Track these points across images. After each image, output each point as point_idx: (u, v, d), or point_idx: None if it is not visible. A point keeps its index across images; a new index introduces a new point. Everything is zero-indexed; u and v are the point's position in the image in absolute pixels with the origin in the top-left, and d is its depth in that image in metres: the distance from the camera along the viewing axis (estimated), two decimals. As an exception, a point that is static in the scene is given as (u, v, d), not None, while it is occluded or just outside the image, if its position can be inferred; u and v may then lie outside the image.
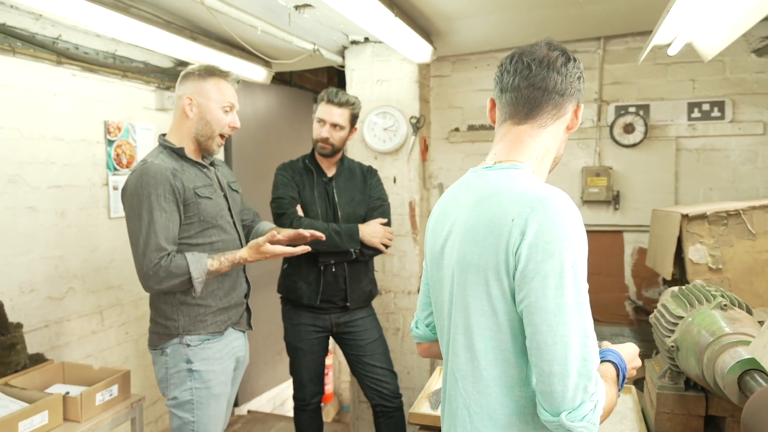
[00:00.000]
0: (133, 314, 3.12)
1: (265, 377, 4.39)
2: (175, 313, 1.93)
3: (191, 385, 1.92)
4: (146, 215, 1.81)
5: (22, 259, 2.47)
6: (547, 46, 1.15)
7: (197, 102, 1.94)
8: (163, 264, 1.80)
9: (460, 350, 1.09)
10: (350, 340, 2.63)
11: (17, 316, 2.42)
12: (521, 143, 1.15)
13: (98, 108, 2.84)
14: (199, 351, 1.93)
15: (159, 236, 1.81)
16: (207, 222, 1.94)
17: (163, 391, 1.97)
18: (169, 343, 1.94)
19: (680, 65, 3.06)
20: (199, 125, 1.96)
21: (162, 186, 1.82)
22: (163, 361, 1.95)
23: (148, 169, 1.84)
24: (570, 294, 0.97)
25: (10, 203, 2.41)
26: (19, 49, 2.39)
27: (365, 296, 2.65)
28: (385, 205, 2.66)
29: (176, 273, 1.82)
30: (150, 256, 1.80)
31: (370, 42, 3.24)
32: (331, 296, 2.55)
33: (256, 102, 3.95)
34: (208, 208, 1.94)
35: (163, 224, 1.82)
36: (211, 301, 1.97)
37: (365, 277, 2.64)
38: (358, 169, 2.69)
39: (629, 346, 1.25)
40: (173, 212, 1.85)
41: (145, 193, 1.81)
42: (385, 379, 2.61)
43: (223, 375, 2.00)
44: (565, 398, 0.96)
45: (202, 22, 2.75)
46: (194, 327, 1.94)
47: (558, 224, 0.98)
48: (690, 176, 3.10)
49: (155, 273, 1.81)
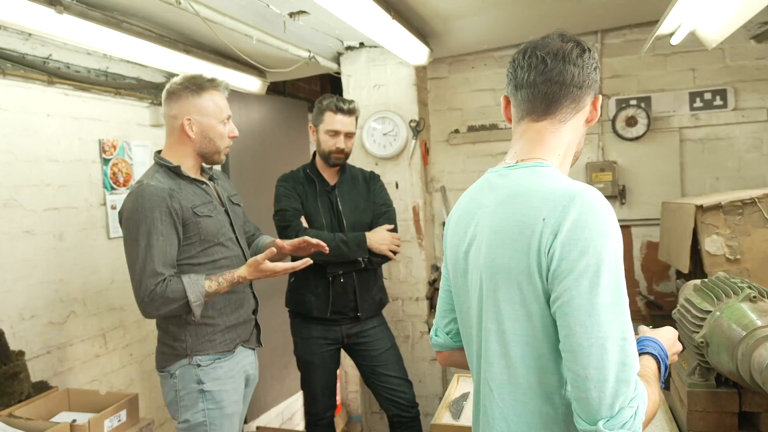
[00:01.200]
0: (137, 335, 3.06)
1: (273, 392, 4.32)
2: (183, 333, 1.87)
3: (203, 406, 1.86)
4: (143, 240, 1.76)
5: (22, 284, 2.41)
6: (560, 38, 1.11)
7: (196, 121, 1.88)
8: (158, 290, 1.74)
9: (494, 358, 1.04)
10: (363, 351, 2.57)
11: (18, 343, 2.35)
12: (542, 140, 1.11)
13: (92, 127, 2.79)
14: (210, 371, 1.87)
15: (155, 261, 1.75)
16: (208, 240, 1.88)
17: (173, 413, 1.91)
18: (177, 364, 1.88)
19: (679, 55, 3.04)
20: (203, 144, 1.91)
21: (158, 208, 1.77)
22: (171, 383, 1.89)
23: (143, 191, 1.78)
24: (606, 293, 0.92)
25: (7, 228, 2.35)
26: (9, 71, 2.33)
27: (376, 305, 2.59)
28: (391, 210, 2.61)
29: (173, 298, 1.76)
30: (146, 282, 1.75)
31: (366, 47, 3.20)
32: (342, 307, 2.50)
33: (250, 113, 3.90)
34: (209, 226, 1.88)
35: (160, 248, 1.77)
36: (219, 320, 1.91)
37: (375, 286, 2.59)
38: (360, 175, 2.64)
39: (668, 330, 1.19)
40: (171, 234, 1.79)
41: (141, 217, 1.76)
42: (401, 389, 2.55)
43: (235, 394, 1.94)
44: (602, 405, 0.90)
45: (195, 34, 2.71)
46: (203, 347, 1.88)
47: (592, 221, 0.94)
48: (695, 167, 3.07)
49: (151, 300, 1.75)
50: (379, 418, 3.42)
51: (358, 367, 2.64)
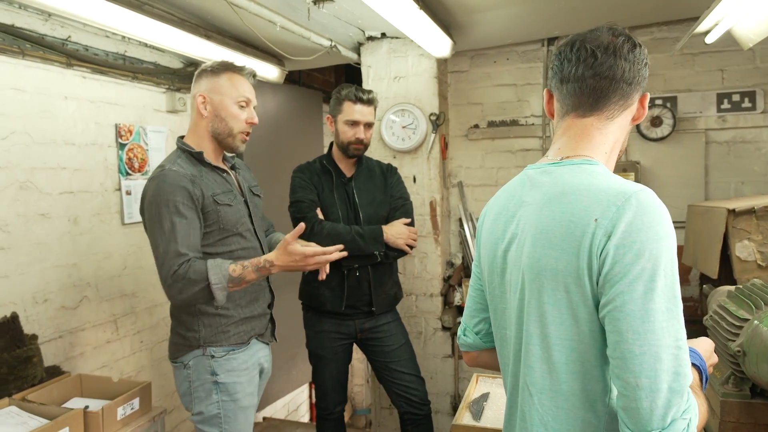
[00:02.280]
0: (148, 322, 3.03)
1: (279, 383, 4.31)
2: (196, 323, 1.83)
3: (217, 398, 1.83)
4: (166, 222, 1.72)
5: (36, 268, 2.38)
6: (610, 32, 1.06)
7: (210, 99, 1.85)
8: (181, 271, 1.70)
9: (535, 362, 0.99)
10: (376, 347, 2.53)
11: (31, 327, 2.33)
12: (588, 137, 1.06)
13: (109, 111, 2.75)
14: (224, 362, 1.84)
15: (179, 243, 1.71)
16: (227, 230, 1.84)
17: (187, 405, 1.88)
18: (190, 355, 1.84)
19: (708, 55, 2.97)
20: (215, 123, 1.87)
21: (181, 193, 1.74)
22: (185, 374, 1.85)
23: (166, 175, 1.76)
24: (661, 299, 0.87)
25: (22, 210, 2.32)
26: (28, 51, 2.30)
27: (390, 300, 2.56)
28: (408, 204, 2.56)
29: (195, 279, 1.70)
30: (169, 263, 1.70)
31: (387, 38, 3.15)
32: (356, 301, 2.46)
33: (266, 102, 3.86)
34: (228, 215, 1.84)
35: (184, 231, 1.73)
36: (233, 311, 1.87)
37: (390, 280, 2.55)
38: (377, 167, 2.60)
39: (704, 341, 1.15)
40: (194, 219, 1.76)
41: (164, 200, 1.73)
42: (414, 386, 2.52)
43: (249, 386, 1.91)
44: (653, 416, 0.86)
45: (217, 20, 2.66)
46: (216, 338, 1.84)
47: (648, 223, 0.89)
48: (720, 170, 3.01)
49: (174, 281, 1.70)
50: (389, 414, 3.40)
51: (371, 362, 2.61)
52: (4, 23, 2.20)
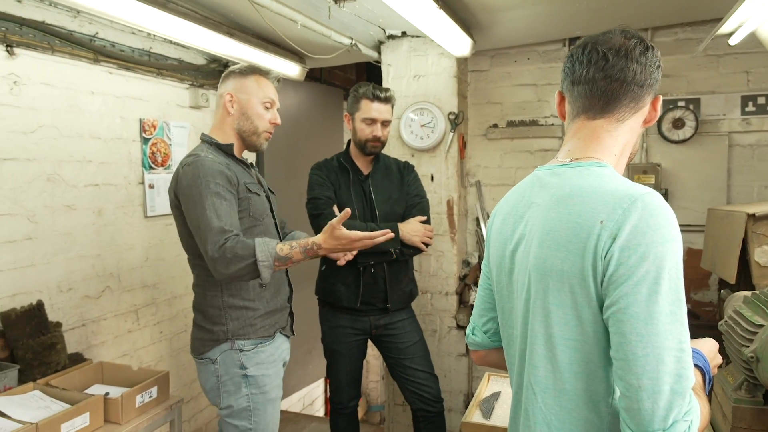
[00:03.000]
0: (167, 313, 3.10)
1: (295, 377, 4.36)
2: (223, 317, 1.86)
3: (247, 391, 1.86)
4: (208, 201, 1.74)
5: (61, 257, 2.45)
6: (623, 34, 1.06)
7: (237, 98, 1.94)
8: (228, 245, 1.67)
9: (539, 362, 1.01)
10: (390, 343, 2.55)
11: (56, 315, 2.41)
12: (598, 139, 1.07)
13: (134, 106, 2.82)
14: (252, 356, 1.87)
15: (223, 220, 1.72)
16: (255, 219, 1.90)
17: (214, 400, 1.91)
18: (218, 350, 1.87)
19: (733, 56, 2.92)
20: (241, 121, 1.94)
21: (219, 176, 1.79)
22: (212, 369, 1.87)
23: (203, 161, 1.80)
24: (665, 302, 0.88)
25: (49, 201, 2.39)
26: (57, 47, 2.37)
27: (405, 297, 2.57)
28: (424, 201, 2.58)
29: (242, 255, 1.67)
30: (214, 238, 1.68)
31: (408, 36, 3.16)
32: (371, 298, 2.48)
33: (287, 99, 3.91)
34: (257, 204, 1.91)
35: (225, 210, 1.75)
36: (259, 304, 1.91)
37: (405, 278, 2.57)
38: (394, 165, 2.62)
39: (708, 342, 1.14)
40: (232, 201, 1.80)
41: (204, 182, 1.76)
42: (427, 383, 2.54)
43: (277, 378, 1.96)
44: (654, 417, 0.86)
45: (240, 18, 2.71)
46: (244, 331, 1.87)
47: (653, 226, 0.90)
48: (743, 173, 2.96)
49: (222, 255, 1.66)
50: (402, 410, 3.42)
51: (385, 358, 2.63)
52: (34, 20, 2.27)
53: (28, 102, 2.29)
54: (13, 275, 2.25)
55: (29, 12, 2.26)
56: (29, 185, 2.31)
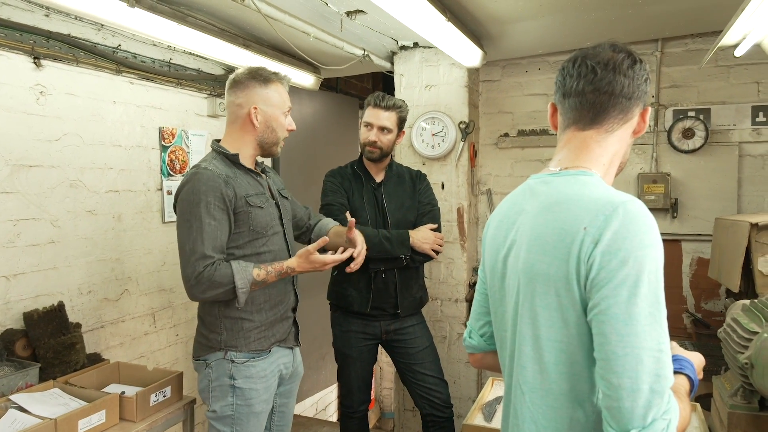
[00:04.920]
0: (183, 317, 3.18)
1: (309, 382, 4.42)
2: (218, 326, 1.90)
3: (233, 401, 1.89)
4: (195, 222, 1.78)
5: (82, 261, 2.55)
6: (612, 48, 1.10)
7: (262, 110, 1.92)
8: (206, 273, 1.76)
9: (527, 362, 1.05)
10: (400, 348, 2.60)
11: (76, 316, 2.50)
12: (587, 149, 1.11)
13: (153, 115, 2.92)
14: (243, 369, 1.89)
15: (206, 244, 1.77)
16: (257, 232, 1.91)
17: (205, 400, 1.97)
18: (212, 356, 1.91)
19: (744, 67, 2.93)
20: (266, 133, 1.95)
21: (213, 193, 1.79)
22: (206, 372, 1.93)
23: (201, 175, 1.81)
24: (644, 304, 0.92)
25: (71, 207, 2.49)
26: (81, 59, 2.47)
27: (415, 303, 2.61)
28: (435, 210, 2.62)
29: (220, 282, 1.77)
30: (194, 264, 1.76)
31: (420, 47, 3.22)
32: (382, 303, 2.53)
33: (303, 108, 3.99)
34: (259, 217, 1.90)
35: (212, 232, 1.79)
36: (256, 315, 1.92)
37: (415, 284, 2.61)
38: (407, 174, 2.67)
39: (696, 356, 1.18)
40: (223, 221, 1.82)
41: (195, 200, 1.79)
42: (437, 389, 2.57)
43: (265, 393, 1.95)
44: (634, 415, 0.90)
45: (255, 30, 2.80)
46: (237, 342, 1.89)
47: (633, 232, 0.94)
48: (754, 183, 2.96)
49: (198, 282, 1.76)
50: (412, 416, 3.45)
51: (395, 364, 2.67)
52: (60, 33, 2.38)
53: (54, 111, 2.39)
54: (36, 277, 2.34)
55: (56, 25, 2.37)
56: (53, 191, 2.41)
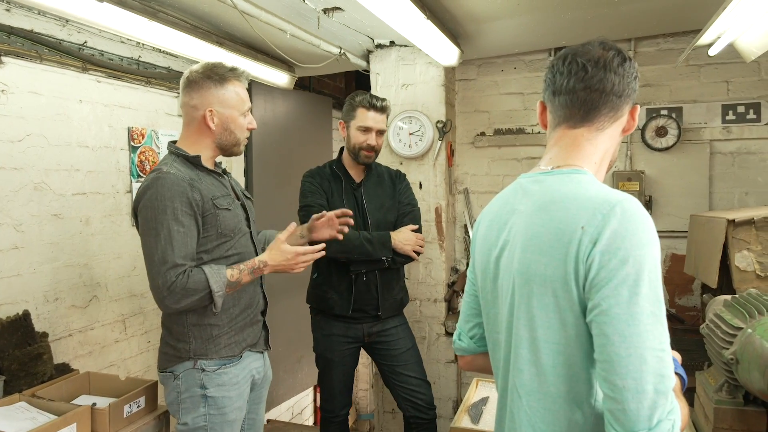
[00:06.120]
0: (155, 323, 3.08)
1: (284, 386, 4.34)
2: (186, 334, 1.81)
3: (205, 411, 1.81)
4: (162, 230, 1.68)
5: (48, 267, 2.44)
6: (601, 46, 1.10)
7: (218, 112, 1.82)
8: (179, 282, 1.66)
9: (524, 365, 1.03)
10: (383, 350, 2.56)
11: (42, 325, 2.39)
12: (578, 147, 1.10)
13: (122, 114, 2.82)
14: (215, 377, 1.82)
15: (176, 252, 1.67)
16: (225, 235, 1.82)
17: (174, 413, 1.88)
18: (181, 366, 1.82)
19: (714, 66, 2.99)
20: (223, 135, 1.86)
21: (179, 198, 1.69)
22: (174, 384, 1.84)
23: (164, 180, 1.70)
24: (645, 303, 0.90)
25: (36, 210, 2.38)
26: (45, 56, 2.37)
27: (397, 305, 2.59)
28: (416, 210, 2.60)
29: (195, 289, 1.68)
30: (166, 274, 1.66)
31: (396, 45, 3.20)
32: (363, 305, 2.49)
33: (276, 107, 3.92)
34: (227, 220, 1.82)
35: (181, 239, 1.69)
36: (225, 320, 1.84)
37: (396, 285, 2.58)
38: (386, 173, 2.64)
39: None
40: (191, 226, 1.73)
41: (161, 207, 1.68)
42: (420, 390, 2.54)
43: (239, 400, 1.88)
44: (639, 417, 0.88)
45: (229, 27, 2.73)
46: (207, 350, 1.82)
47: (632, 231, 0.93)
48: (724, 180, 3.02)
49: (171, 292, 1.66)
50: (392, 418, 3.42)
51: (378, 365, 2.64)
52: (23, 28, 2.27)
53: (16, 111, 2.28)
54: (-1, 285, 2.23)
55: (18, 21, 2.26)
56: (16, 194, 2.30)
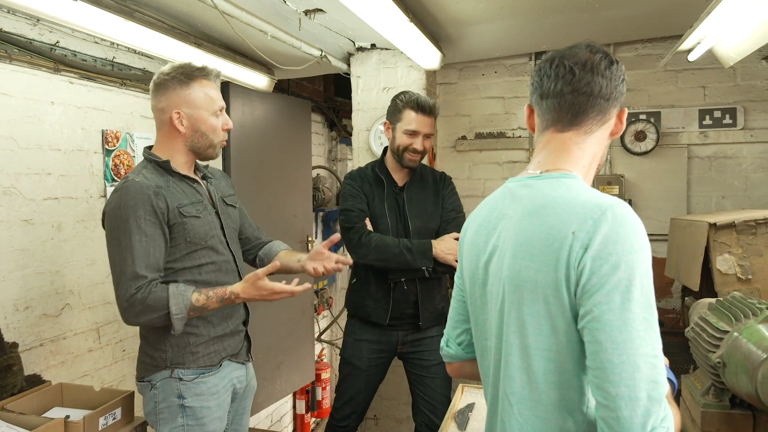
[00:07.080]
0: (131, 330, 3.00)
1: (263, 393, 4.27)
2: (163, 342, 1.74)
3: (183, 422, 1.75)
4: (124, 240, 1.62)
5: (17, 275, 2.35)
6: (588, 49, 1.09)
7: (186, 114, 1.75)
8: (139, 296, 1.60)
9: (515, 372, 1.01)
10: (415, 359, 2.47)
11: (12, 335, 2.30)
12: (567, 151, 1.09)
13: (96, 117, 2.74)
14: (192, 386, 1.75)
15: (137, 263, 1.61)
16: (195, 243, 1.75)
17: (152, 424, 1.82)
18: (158, 375, 1.76)
19: (691, 72, 3.04)
20: (194, 138, 1.78)
21: (142, 207, 1.63)
22: (152, 394, 1.77)
23: (128, 188, 1.65)
24: (637, 309, 0.89)
25: (5, 216, 2.30)
26: (15, 56, 2.29)
27: (438, 314, 2.46)
28: (460, 217, 2.45)
29: (154, 306, 1.62)
30: (126, 285, 1.61)
31: (377, 48, 3.18)
32: (401, 314, 2.40)
33: (254, 110, 3.86)
34: (195, 227, 1.75)
35: (143, 249, 1.63)
36: (203, 329, 1.78)
37: (438, 295, 2.47)
38: (430, 176, 2.52)
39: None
40: (156, 235, 1.66)
41: (123, 215, 1.63)
42: (442, 408, 2.41)
43: (218, 411, 1.81)
44: (633, 425, 0.87)
45: (208, 28, 2.67)
46: (184, 359, 1.75)
47: (624, 236, 0.91)
48: (702, 184, 3.07)
49: (131, 305, 1.61)
50: (374, 424, 3.38)
51: (407, 372, 2.55)
52: (-9, 27, 2.19)
53: (-16, 112, 2.20)
54: (-35, 293, 2.14)
55: (-15, 19, 2.18)
56: (-16, 199, 2.21)
